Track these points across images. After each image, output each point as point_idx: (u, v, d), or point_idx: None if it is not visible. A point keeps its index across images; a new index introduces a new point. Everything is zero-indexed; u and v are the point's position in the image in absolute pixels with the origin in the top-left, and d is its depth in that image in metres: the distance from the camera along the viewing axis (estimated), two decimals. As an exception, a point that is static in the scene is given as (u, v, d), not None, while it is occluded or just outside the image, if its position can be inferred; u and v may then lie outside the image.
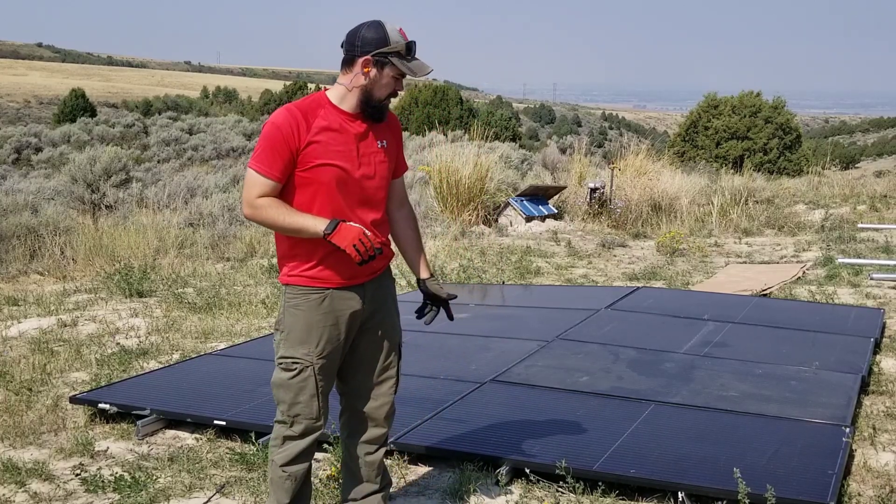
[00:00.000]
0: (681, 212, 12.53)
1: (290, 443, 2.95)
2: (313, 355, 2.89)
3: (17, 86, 64.68)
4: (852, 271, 8.40)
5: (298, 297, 2.90)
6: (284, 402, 2.93)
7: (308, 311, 2.89)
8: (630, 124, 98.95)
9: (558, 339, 5.69)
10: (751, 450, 3.78)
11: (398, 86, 2.87)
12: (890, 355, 5.60)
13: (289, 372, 2.90)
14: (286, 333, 2.93)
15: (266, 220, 2.81)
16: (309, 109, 2.83)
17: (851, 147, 59.48)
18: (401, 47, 2.81)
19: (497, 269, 8.86)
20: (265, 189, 2.80)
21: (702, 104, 29.36)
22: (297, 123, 2.79)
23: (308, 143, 2.79)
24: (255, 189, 2.80)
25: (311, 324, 2.89)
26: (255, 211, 2.81)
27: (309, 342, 2.89)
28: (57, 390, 4.92)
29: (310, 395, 2.90)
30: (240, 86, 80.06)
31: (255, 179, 2.80)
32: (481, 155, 12.09)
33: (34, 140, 30.50)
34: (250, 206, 2.81)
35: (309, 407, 2.91)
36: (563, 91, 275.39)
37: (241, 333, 6.23)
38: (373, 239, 2.79)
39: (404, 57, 2.82)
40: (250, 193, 2.81)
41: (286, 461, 2.95)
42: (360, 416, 3.11)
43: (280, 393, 2.93)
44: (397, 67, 2.81)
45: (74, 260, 8.81)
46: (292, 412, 2.92)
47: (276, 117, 2.82)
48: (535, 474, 3.60)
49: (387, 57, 2.81)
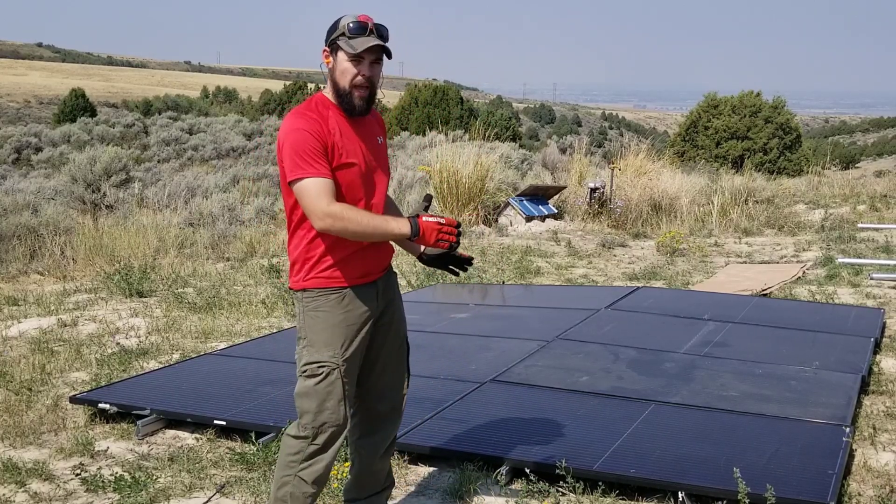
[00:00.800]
0: (681, 212, 12.53)
1: (318, 457, 2.84)
2: (339, 357, 2.82)
3: (17, 86, 64.67)
4: (852, 271, 8.40)
5: (318, 298, 2.83)
6: (309, 413, 2.81)
7: (330, 311, 2.82)
8: (630, 124, 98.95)
9: (558, 339, 5.69)
10: (751, 450, 3.78)
11: (361, 69, 2.76)
12: (890, 355, 5.60)
13: (314, 378, 2.80)
14: (308, 339, 2.84)
15: (349, 226, 2.67)
16: (320, 111, 2.79)
17: (851, 147, 59.48)
18: (343, 28, 2.75)
19: (497, 268, 8.87)
20: (332, 192, 2.68)
21: (702, 104, 29.36)
22: (319, 125, 2.74)
23: (333, 143, 2.75)
24: (323, 197, 2.66)
25: (334, 324, 2.82)
26: (335, 219, 2.66)
27: (333, 343, 2.82)
28: (57, 390, 4.92)
29: (337, 400, 2.82)
30: (240, 86, 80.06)
31: (316, 188, 2.66)
32: (481, 155, 12.09)
33: (34, 140, 30.49)
34: (328, 215, 2.65)
35: (336, 413, 2.82)
36: (563, 91, 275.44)
37: (241, 333, 6.23)
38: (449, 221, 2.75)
39: (349, 37, 2.75)
40: (319, 204, 2.65)
41: (316, 477, 2.85)
42: (377, 417, 3.07)
43: (305, 403, 2.82)
44: (344, 49, 2.76)
45: (74, 260, 8.81)
46: (318, 421, 2.81)
47: (298, 123, 2.73)
48: (535, 474, 3.60)
49: (336, 42, 2.77)
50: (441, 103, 36.04)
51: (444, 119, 32.55)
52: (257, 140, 30.52)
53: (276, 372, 4.89)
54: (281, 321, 6.58)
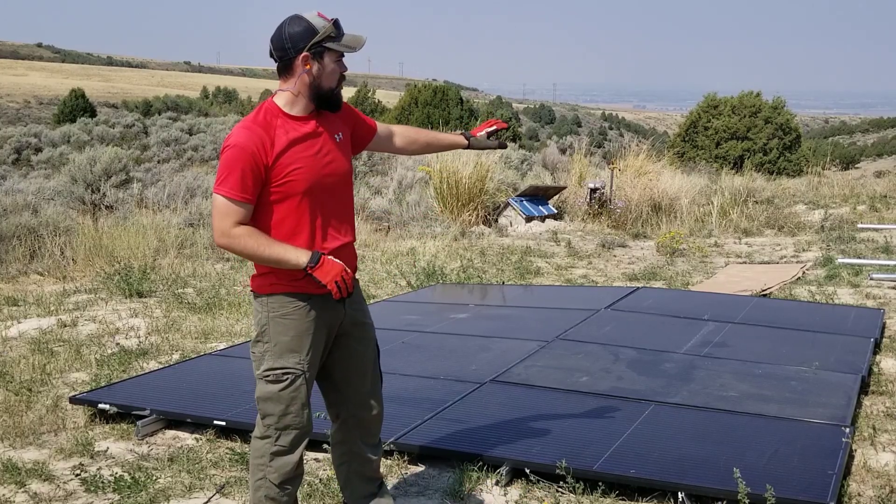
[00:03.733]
0: (681, 212, 12.52)
1: (281, 458, 2.86)
2: (304, 363, 2.83)
3: (17, 86, 64.68)
4: (852, 271, 8.40)
5: (287, 305, 2.82)
6: (272, 415, 2.83)
7: (298, 319, 2.82)
8: (630, 124, 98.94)
9: (558, 339, 5.69)
10: (750, 450, 3.78)
11: (341, 67, 2.82)
12: (890, 355, 5.60)
13: (279, 383, 2.81)
14: (272, 345, 2.83)
15: (244, 251, 2.71)
16: (266, 123, 2.76)
17: (851, 147, 59.44)
18: (329, 30, 2.75)
19: (497, 269, 8.87)
20: (239, 216, 2.70)
21: (702, 104, 29.34)
22: (260, 140, 2.70)
23: (276, 156, 2.72)
24: (230, 218, 2.69)
25: (301, 332, 2.82)
26: (230, 241, 2.70)
27: (299, 350, 2.82)
28: (57, 390, 4.92)
29: (300, 405, 2.84)
30: (240, 86, 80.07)
31: (227, 207, 2.69)
32: (481, 155, 12.09)
33: (34, 140, 30.49)
34: (226, 235, 2.70)
35: (300, 416, 2.84)
36: (563, 91, 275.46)
37: (241, 333, 6.23)
38: (351, 274, 2.79)
39: (336, 38, 2.77)
40: (224, 223, 2.69)
41: (283, 478, 2.87)
42: (362, 426, 3.08)
43: (268, 406, 2.84)
44: (334, 51, 2.77)
45: (74, 260, 8.81)
46: (281, 424, 2.83)
47: (236, 139, 2.71)
48: (535, 474, 3.60)
49: (321, 45, 2.76)
50: (441, 104, 36.05)
51: (443, 119, 32.57)
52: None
53: (275, 372, 4.89)
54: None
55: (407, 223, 11.51)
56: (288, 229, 2.78)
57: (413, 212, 11.99)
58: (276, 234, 2.77)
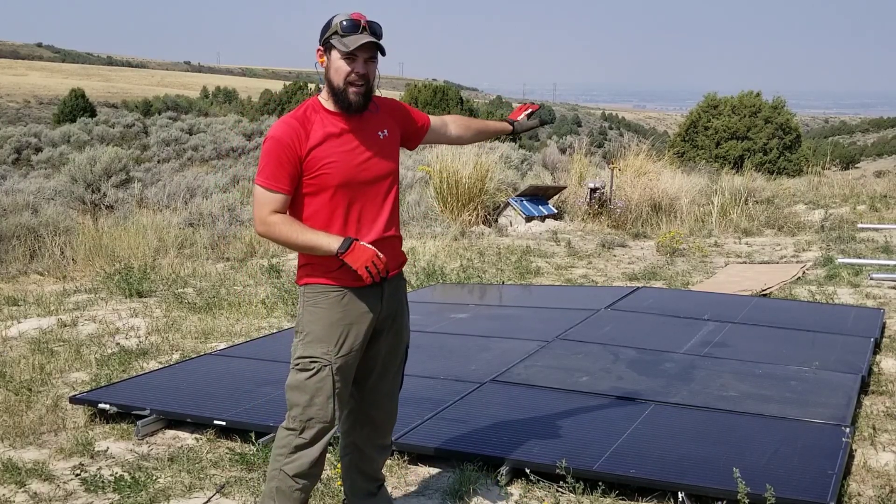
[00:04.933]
0: (681, 212, 12.52)
1: (302, 451, 2.88)
2: (332, 354, 2.85)
3: (17, 86, 64.66)
4: (852, 271, 8.40)
5: (318, 295, 2.87)
6: (298, 406, 2.86)
7: (328, 308, 2.86)
8: (630, 124, 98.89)
9: (558, 339, 5.69)
10: (750, 450, 3.78)
11: (355, 67, 2.79)
12: (890, 355, 5.60)
13: (306, 372, 2.85)
14: (305, 334, 2.88)
15: (280, 238, 2.80)
16: (304, 118, 2.83)
17: (851, 147, 59.43)
18: (336, 26, 2.78)
19: (497, 269, 8.87)
20: (276, 204, 2.79)
21: (702, 104, 29.34)
22: (296, 133, 2.78)
23: (310, 149, 2.79)
24: (267, 206, 2.79)
25: (332, 322, 2.85)
26: (268, 228, 2.80)
27: (328, 340, 2.85)
28: (57, 390, 4.92)
29: (326, 397, 2.85)
30: (240, 86, 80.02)
31: (264, 196, 2.80)
32: (481, 155, 12.10)
33: (34, 140, 30.48)
34: (263, 223, 2.80)
35: (324, 410, 2.85)
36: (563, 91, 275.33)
37: (241, 333, 6.23)
38: (384, 260, 2.80)
39: (342, 35, 2.78)
40: (262, 211, 2.80)
41: (298, 472, 2.88)
42: (372, 424, 3.09)
43: (295, 395, 2.87)
44: (337, 48, 2.78)
45: (74, 260, 8.81)
46: (306, 415, 2.85)
47: (274, 131, 2.81)
48: (535, 474, 3.60)
49: (329, 40, 2.80)
50: (441, 103, 36.08)
51: (443, 119, 32.53)
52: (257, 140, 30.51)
53: (275, 372, 4.88)
54: (281, 321, 6.58)
55: (407, 223, 11.51)
56: (321, 221, 2.84)
57: (413, 211, 12.00)
58: (311, 226, 2.83)
